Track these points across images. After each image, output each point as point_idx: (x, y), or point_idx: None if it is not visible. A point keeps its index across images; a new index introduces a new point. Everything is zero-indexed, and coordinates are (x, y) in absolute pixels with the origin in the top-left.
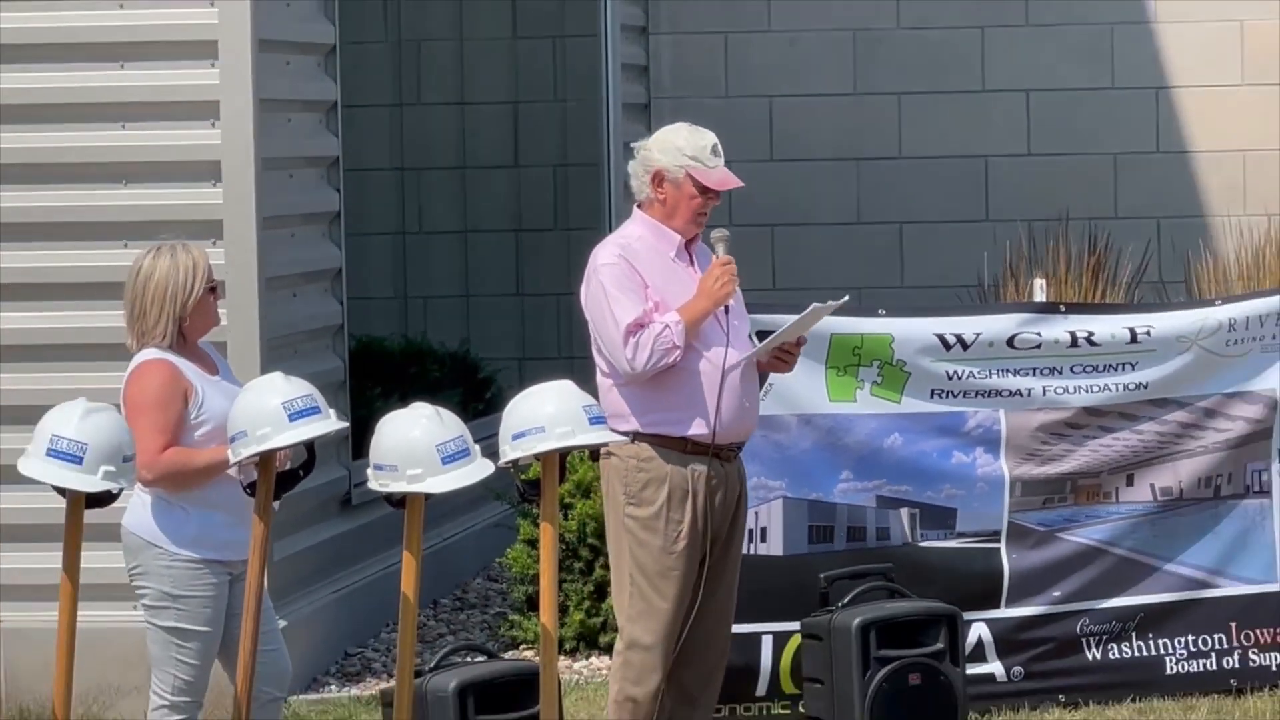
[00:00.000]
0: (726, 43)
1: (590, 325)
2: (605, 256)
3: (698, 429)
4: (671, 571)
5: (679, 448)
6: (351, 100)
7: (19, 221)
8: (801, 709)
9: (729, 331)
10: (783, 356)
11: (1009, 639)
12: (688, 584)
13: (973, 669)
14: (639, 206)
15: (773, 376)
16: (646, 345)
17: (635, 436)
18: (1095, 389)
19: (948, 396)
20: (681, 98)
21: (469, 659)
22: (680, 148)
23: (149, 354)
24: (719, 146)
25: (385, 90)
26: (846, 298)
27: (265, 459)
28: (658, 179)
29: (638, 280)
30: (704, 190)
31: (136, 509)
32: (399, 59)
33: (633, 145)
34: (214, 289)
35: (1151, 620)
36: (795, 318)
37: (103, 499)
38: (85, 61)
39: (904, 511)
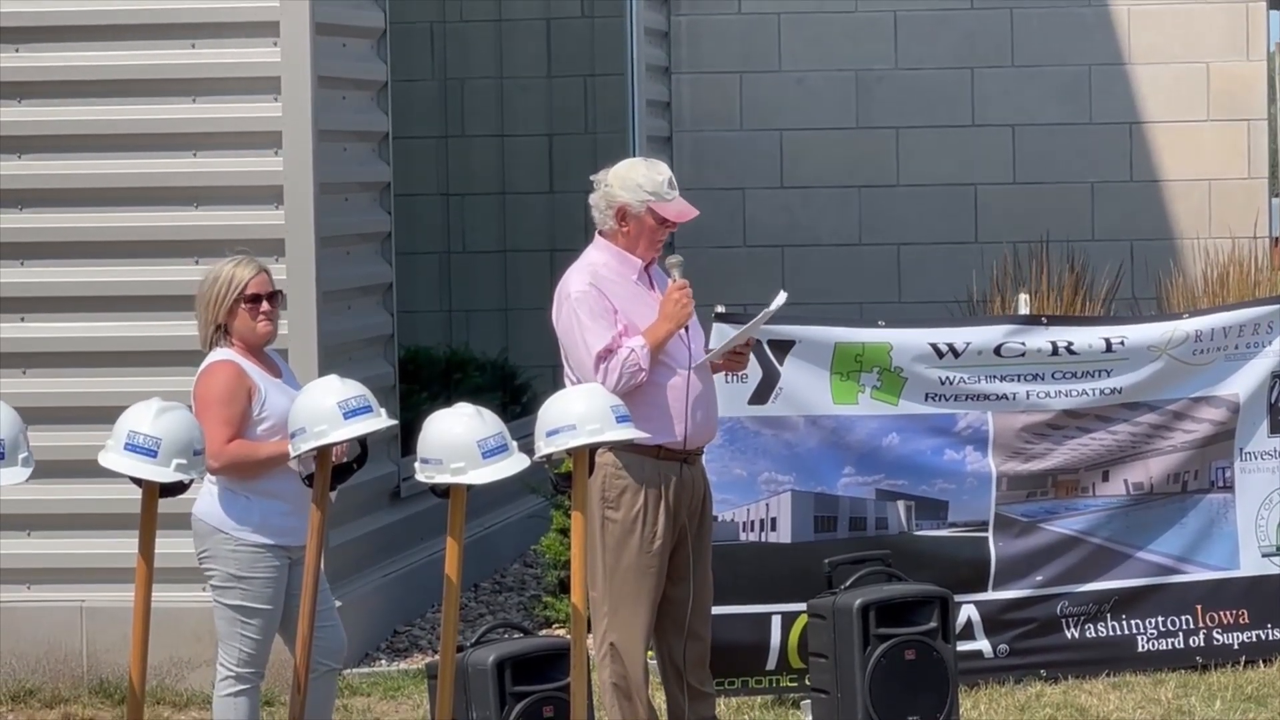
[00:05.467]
0: (741, 81)
1: (562, 347)
2: (577, 285)
3: (668, 437)
4: (648, 569)
5: (652, 455)
6: (402, 132)
7: (101, 240)
8: (807, 681)
9: (690, 346)
10: (735, 358)
11: (995, 619)
12: (660, 579)
13: (963, 646)
14: (600, 234)
15: (783, 381)
16: (615, 369)
17: (611, 446)
18: (1074, 393)
19: (940, 400)
20: (700, 131)
21: (506, 636)
22: (640, 184)
23: (217, 355)
24: (673, 180)
25: (433, 123)
26: (784, 294)
27: (322, 453)
28: (621, 214)
29: (607, 306)
30: (663, 221)
31: (205, 498)
32: (445, 95)
33: (593, 179)
34: (256, 301)
35: (1124, 603)
36: (746, 325)
37: (175, 489)
38: (160, 96)
39: (900, 504)
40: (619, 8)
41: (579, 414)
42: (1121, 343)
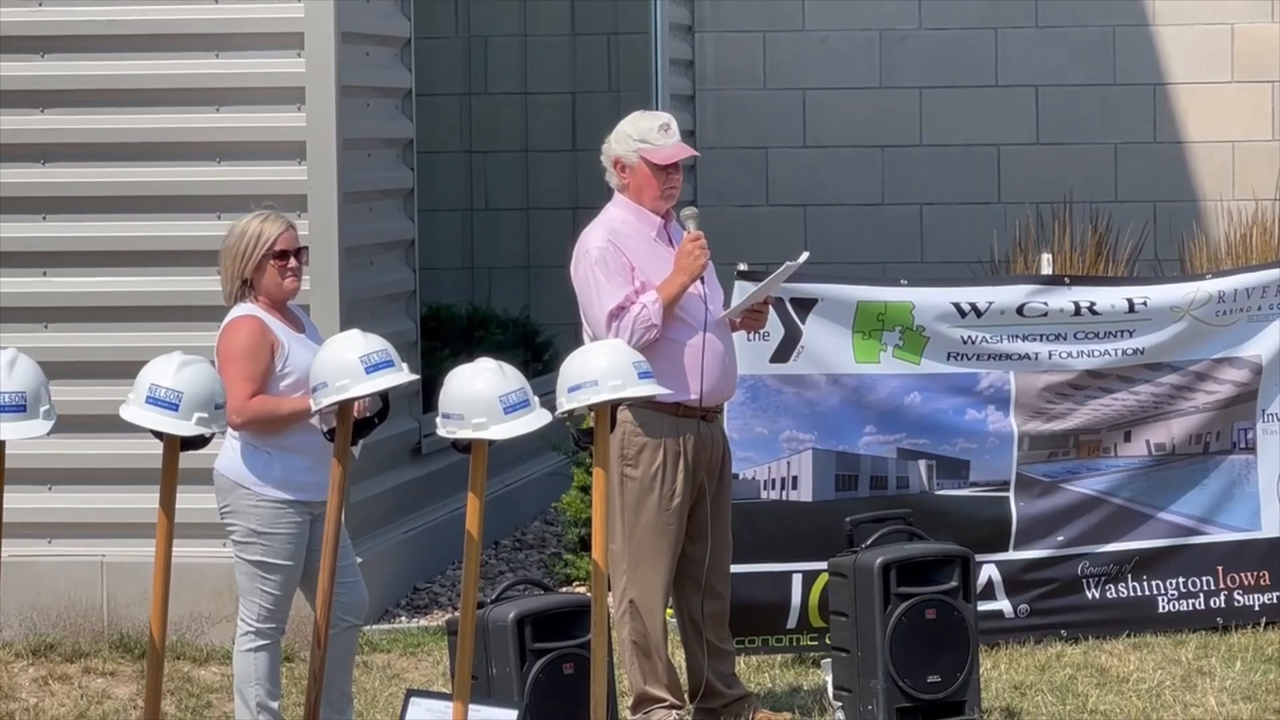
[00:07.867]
0: (764, 41)
1: (579, 303)
2: (595, 241)
3: (685, 395)
4: (667, 527)
5: (670, 412)
6: (425, 89)
7: (124, 195)
8: (828, 640)
9: (707, 302)
10: (754, 316)
11: (1016, 579)
12: (679, 536)
13: (983, 606)
14: (618, 191)
15: (805, 340)
16: (628, 327)
17: (631, 403)
18: (1096, 354)
19: (963, 359)
20: (723, 90)
21: (527, 592)
22: (629, 134)
23: (241, 310)
24: (671, 126)
25: (455, 80)
26: (806, 254)
27: (344, 407)
28: (619, 166)
29: (624, 263)
30: (658, 167)
31: (227, 453)
32: (468, 52)
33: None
34: (284, 257)
35: (1146, 563)
36: (764, 281)
37: (196, 443)
38: (184, 51)
39: (922, 463)
40: None
41: (601, 370)
42: (1144, 303)
